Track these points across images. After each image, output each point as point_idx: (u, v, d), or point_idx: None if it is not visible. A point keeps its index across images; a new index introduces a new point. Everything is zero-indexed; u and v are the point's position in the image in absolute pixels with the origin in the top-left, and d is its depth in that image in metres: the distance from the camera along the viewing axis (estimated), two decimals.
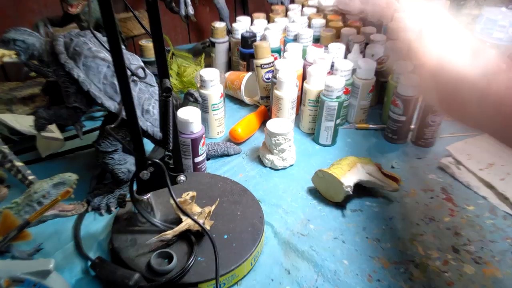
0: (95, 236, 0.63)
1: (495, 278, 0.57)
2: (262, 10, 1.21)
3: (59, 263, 0.58)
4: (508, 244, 0.62)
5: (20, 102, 0.88)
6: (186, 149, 0.72)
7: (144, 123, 0.64)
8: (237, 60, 1.05)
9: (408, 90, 0.78)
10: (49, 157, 0.79)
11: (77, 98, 0.62)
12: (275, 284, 0.56)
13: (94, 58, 0.61)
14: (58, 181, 0.56)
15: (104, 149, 0.65)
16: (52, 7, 1.01)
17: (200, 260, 0.55)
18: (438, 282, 0.57)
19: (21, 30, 0.64)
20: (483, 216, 0.67)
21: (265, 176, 0.76)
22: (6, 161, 0.67)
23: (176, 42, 1.26)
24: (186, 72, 1.00)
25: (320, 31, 1.00)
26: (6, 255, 0.57)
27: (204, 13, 1.28)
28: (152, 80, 0.68)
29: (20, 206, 0.56)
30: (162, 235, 0.56)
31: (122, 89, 0.47)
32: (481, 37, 0.94)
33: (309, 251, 0.61)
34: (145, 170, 0.53)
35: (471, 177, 0.74)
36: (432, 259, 0.60)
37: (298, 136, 0.87)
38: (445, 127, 0.90)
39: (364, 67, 0.84)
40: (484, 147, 0.79)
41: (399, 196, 0.71)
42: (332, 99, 0.78)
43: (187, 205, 0.58)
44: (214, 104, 0.83)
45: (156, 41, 0.48)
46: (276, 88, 0.83)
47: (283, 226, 0.65)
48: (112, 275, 0.53)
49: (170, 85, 0.49)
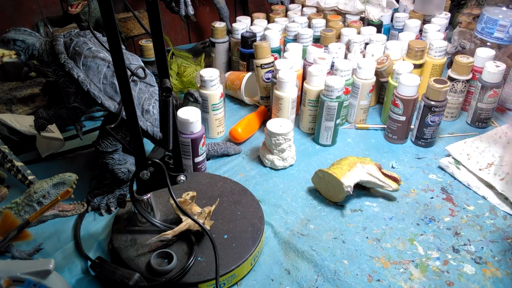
0: (95, 236, 0.63)
1: (495, 278, 0.57)
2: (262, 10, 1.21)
3: (59, 263, 0.59)
4: (508, 244, 0.62)
5: (20, 102, 0.88)
6: (186, 149, 0.72)
7: (144, 123, 0.64)
8: (237, 60, 1.05)
9: (408, 90, 0.78)
10: (49, 157, 0.79)
11: (77, 98, 0.62)
12: (275, 284, 0.56)
13: (94, 58, 0.61)
14: (58, 181, 0.56)
15: (104, 149, 0.65)
16: (52, 7, 1.01)
17: (200, 260, 0.55)
18: (438, 282, 0.57)
19: (21, 30, 0.64)
20: (483, 216, 0.67)
21: (265, 176, 0.76)
22: (6, 161, 0.67)
23: (176, 42, 1.26)
24: (186, 72, 1.00)
25: (320, 31, 1.00)
26: (6, 255, 0.57)
27: (204, 13, 1.28)
28: (152, 80, 0.68)
29: (20, 206, 0.56)
30: (162, 235, 0.56)
31: (122, 89, 0.47)
32: (482, 36, 0.95)
33: (309, 251, 0.61)
34: (145, 170, 0.53)
35: (471, 177, 0.74)
36: (432, 259, 0.60)
37: (298, 136, 0.87)
38: (445, 127, 0.90)
39: (364, 67, 0.84)
40: (483, 147, 0.79)
41: (399, 196, 0.71)
42: (332, 99, 0.78)
43: (187, 205, 0.58)
44: (214, 104, 0.83)
45: (156, 41, 0.48)
46: (276, 88, 0.83)
47: (283, 226, 0.65)
48: (112, 275, 0.53)
49: (170, 85, 0.49)
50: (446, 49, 0.93)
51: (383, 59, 0.89)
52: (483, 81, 0.84)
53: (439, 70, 0.94)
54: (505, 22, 0.89)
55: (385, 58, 0.89)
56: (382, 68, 0.88)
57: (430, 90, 0.77)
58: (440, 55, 0.93)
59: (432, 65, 0.93)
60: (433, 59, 0.93)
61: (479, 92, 0.85)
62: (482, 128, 0.89)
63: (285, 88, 0.82)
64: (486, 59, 0.86)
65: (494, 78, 0.83)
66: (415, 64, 0.89)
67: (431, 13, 1.13)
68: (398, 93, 0.80)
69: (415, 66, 0.89)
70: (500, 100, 0.93)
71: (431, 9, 1.13)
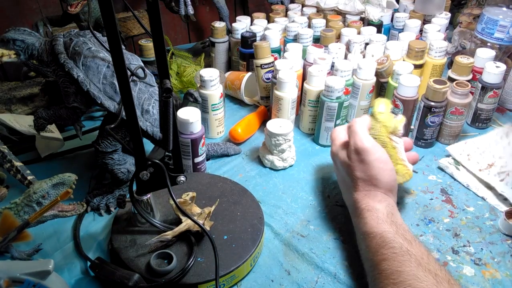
0: (94, 237, 0.63)
1: (495, 280, 0.57)
2: (262, 10, 1.21)
3: (59, 264, 0.59)
4: (507, 245, 0.62)
5: (20, 102, 0.87)
6: (186, 150, 0.72)
7: (143, 123, 0.63)
8: (237, 60, 1.05)
9: (408, 91, 0.78)
10: (49, 157, 0.79)
11: (77, 98, 0.62)
12: (275, 285, 0.56)
13: (93, 58, 0.61)
14: (57, 181, 0.56)
15: (104, 149, 0.65)
16: (52, 7, 1.01)
17: (199, 260, 0.55)
18: None
19: (21, 30, 0.64)
20: (482, 217, 0.67)
21: (265, 177, 0.76)
22: (5, 161, 0.67)
23: (175, 42, 1.25)
24: (186, 72, 1.00)
25: (320, 31, 1.00)
26: (6, 255, 0.56)
27: (204, 13, 1.28)
28: (152, 80, 0.68)
29: (20, 206, 0.55)
30: (162, 235, 0.56)
31: (122, 89, 0.47)
32: (482, 37, 0.95)
33: (309, 252, 0.61)
34: (145, 170, 0.53)
35: (470, 178, 0.74)
36: None
37: (298, 137, 0.87)
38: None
39: (364, 67, 0.84)
40: (483, 147, 0.79)
41: (399, 196, 0.71)
42: (332, 100, 0.78)
43: (187, 205, 0.58)
44: (214, 104, 0.83)
45: (157, 41, 0.48)
46: (276, 88, 0.83)
47: (283, 227, 0.65)
48: (111, 276, 0.53)
49: (171, 86, 0.49)
50: (446, 49, 0.93)
51: (383, 59, 0.89)
52: (483, 81, 0.84)
53: (439, 70, 0.94)
54: (505, 23, 0.89)
55: (385, 59, 0.89)
56: (382, 68, 0.88)
57: (430, 91, 0.77)
58: (440, 56, 0.93)
59: (432, 66, 0.93)
60: (433, 60, 0.93)
61: (479, 93, 0.85)
62: (482, 129, 0.89)
63: (285, 89, 0.81)
64: (486, 60, 0.86)
65: (494, 78, 0.83)
66: (415, 65, 0.89)
67: (431, 13, 1.13)
68: (398, 94, 0.80)
69: (415, 66, 0.89)
70: (500, 101, 0.93)
71: (431, 9, 1.12)
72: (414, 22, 1.05)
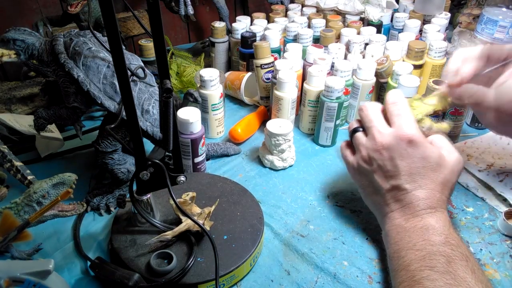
0: (94, 236, 0.63)
1: (494, 280, 0.57)
2: (262, 10, 1.21)
3: (59, 263, 0.59)
4: (506, 246, 0.62)
5: (20, 102, 0.87)
6: (186, 150, 0.72)
7: (144, 123, 0.64)
8: (237, 60, 1.05)
9: (408, 91, 0.78)
10: (49, 157, 0.79)
11: (77, 98, 0.62)
12: (275, 285, 0.56)
13: (93, 58, 0.61)
14: (57, 181, 0.56)
15: (104, 149, 0.65)
16: (52, 7, 1.01)
17: (199, 260, 0.55)
18: None
19: (21, 30, 0.64)
20: (482, 218, 0.67)
21: (264, 177, 0.76)
22: (6, 160, 0.67)
23: (175, 42, 1.25)
24: (186, 72, 1.00)
25: (320, 31, 1.00)
26: (6, 255, 0.57)
27: (203, 13, 1.28)
28: (152, 80, 0.68)
29: (20, 206, 0.55)
30: (162, 235, 0.56)
31: (122, 89, 0.47)
32: (482, 37, 0.95)
33: (309, 252, 0.61)
34: (145, 170, 0.53)
35: (470, 178, 0.74)
36: None
37: (298, 137, 0.87)
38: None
39: (364, 67, 0.84)
40: (483, 148, 0.79)
41: None
42: (332, 100, 0.78)
43: (187, 205, 0.58)
44: (214, 104, 0.83)
45: (157, 42, 0.48)
46: (276, 88, 0.83)
47: (283, 227, 0.65)
48: (111, 276, 0.53)
49: (171, 86, 0.49)
50: (446, 49, 0.93)
51: (382, 60, 0.89)
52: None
53: (439, 71, 0.94)
54: (505, 23, 0.89)
55: (384, 59, 0.89)
56: (381, 69, 0.88)
57: (429, 91, 0.77)
58: (440, 56, 0.93)
59: (432, 66, 0.93)
60: (433, 60, 0.93)
61: None
62: (481, 129, 0.89)
63: (285, 89, 0.81)
64: None
65: None
66: (415, 65, 0.89)
67: (431, 13, 1.13)
68: None
69: (415, 66, 0.89)
70: None
71: (431, 9, 1.12)
72: (413, 22, 1.05)
